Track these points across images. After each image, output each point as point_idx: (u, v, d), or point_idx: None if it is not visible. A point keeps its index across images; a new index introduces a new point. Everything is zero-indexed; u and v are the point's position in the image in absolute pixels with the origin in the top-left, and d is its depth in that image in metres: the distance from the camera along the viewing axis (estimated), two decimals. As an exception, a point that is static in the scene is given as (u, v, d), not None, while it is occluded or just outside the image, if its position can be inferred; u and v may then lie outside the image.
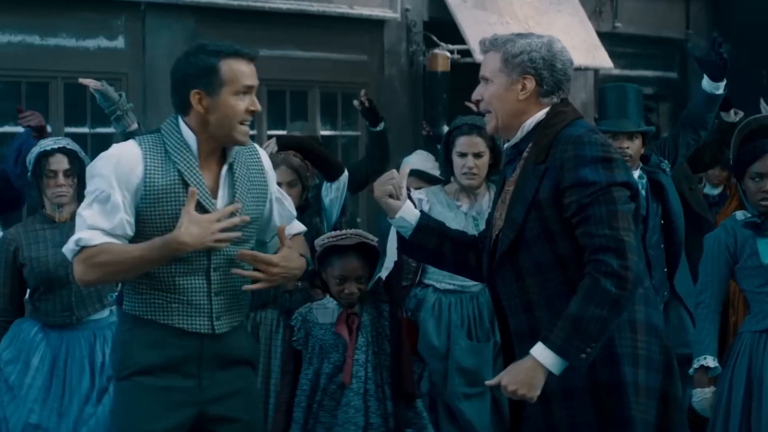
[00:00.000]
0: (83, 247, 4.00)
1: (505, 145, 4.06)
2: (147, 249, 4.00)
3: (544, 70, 3.93)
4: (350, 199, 6.75)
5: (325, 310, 5.20)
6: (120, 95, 6.19)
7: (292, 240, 4.36)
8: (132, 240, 4.05)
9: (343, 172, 6.11)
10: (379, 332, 5.16)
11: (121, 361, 4.17)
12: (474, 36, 11.57)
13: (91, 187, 4.09)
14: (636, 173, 6.00)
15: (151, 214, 4.05)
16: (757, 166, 5.41)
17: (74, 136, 7.68)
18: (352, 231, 5.29)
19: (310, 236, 5.67)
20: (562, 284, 3.79)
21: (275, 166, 5.79)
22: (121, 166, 4.03)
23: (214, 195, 4.12)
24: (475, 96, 4.03)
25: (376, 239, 5.26)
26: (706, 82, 6.39)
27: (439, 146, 7.92)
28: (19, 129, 9.94)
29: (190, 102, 4.06)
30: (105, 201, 4.02)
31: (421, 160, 7.45)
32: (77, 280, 4.13)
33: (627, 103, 6.03)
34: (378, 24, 12.08)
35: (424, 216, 4.21)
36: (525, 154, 3.94)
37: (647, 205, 5.97)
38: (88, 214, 4.04)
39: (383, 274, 5.52)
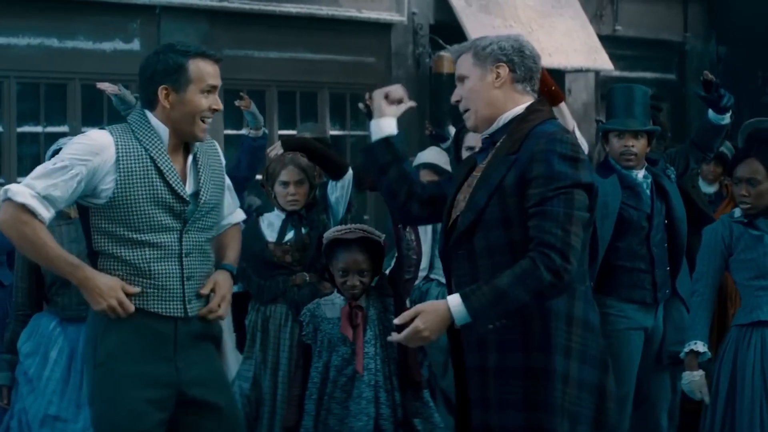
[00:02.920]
0: (8, 199, 4.10)
1: (480, 135, 4.21)
2: (63, 257, 4.16)
3: (515, 56, 4.08)
4: (356, 197, 6.89)
5: (333, 305, 5.26)
6: (136, 97, 6.25)
7: (229, 230, 4.57)
8: (111, 226, 4.19)
9: (347, 171, 6.16)
10: (385, 326, 5.22)
11: (97, 348, 4.24)
12: (479, 39, 11.67)
13: (54, 159, 4.20)
14: (641, 173, 6.07)
15: (127, 198, 4.18)
16: (737, 170, 5.58)
17: (92, 137, 7.89)
18: (357, 225, 5.37)
19: (317, 233, 5.87)
20: (510, 267, 3.90)
21: (284, 166, 5.99)
22: (93, 148, 4.17)
23: (183, 182, 4.29)
24: (454, 98, 4.19)
25: (383, 235, 5.34)
26: (712, 114, 6.48)
27: (441, 145, 8.14)
28: (38, 129, 10.24)
29: (157, 97, 4.23)
30: (58, 170, 4.14)
31: (434, 155, 7.57)
32: None
33: (634, 104, 6.08)
34: (385, 27, 12.17)
35: (398, 138, 4.35)
36: (498, 144, 4.08)
37: (652, 204, 6.03)
38: (33, 174, 4.15)
39: (388, 270, 5.58)
